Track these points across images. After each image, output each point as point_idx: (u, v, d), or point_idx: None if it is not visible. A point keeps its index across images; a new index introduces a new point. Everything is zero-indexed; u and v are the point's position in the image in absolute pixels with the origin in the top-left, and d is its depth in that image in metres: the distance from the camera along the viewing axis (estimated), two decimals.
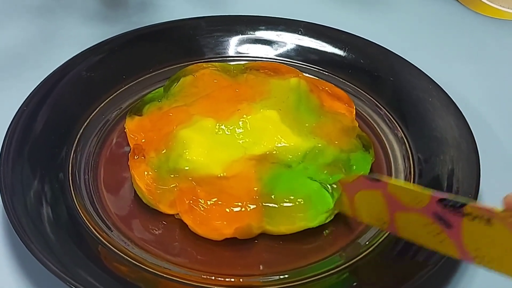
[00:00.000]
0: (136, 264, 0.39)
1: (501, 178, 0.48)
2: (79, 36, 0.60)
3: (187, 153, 0.43)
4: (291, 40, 0.56)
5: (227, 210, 0.41)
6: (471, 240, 0.33)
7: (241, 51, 0.56)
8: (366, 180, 0.38)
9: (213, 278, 0.39)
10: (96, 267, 0.39)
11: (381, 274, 0.39)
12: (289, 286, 0.39)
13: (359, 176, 0.38)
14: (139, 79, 0.53)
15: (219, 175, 0.42)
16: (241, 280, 0.39)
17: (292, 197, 0.41)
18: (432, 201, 0.34)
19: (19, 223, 0.39)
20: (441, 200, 0.33)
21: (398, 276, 0.38)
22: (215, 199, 0.41)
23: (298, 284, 0.39)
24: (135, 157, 0.44)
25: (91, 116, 0.49)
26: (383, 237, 0.41)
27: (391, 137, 0.49)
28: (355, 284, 0.39)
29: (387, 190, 0.36)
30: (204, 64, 0.52)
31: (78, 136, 0.47)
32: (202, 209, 0.41)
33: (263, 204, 0.41)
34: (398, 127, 0.49)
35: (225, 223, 0.41)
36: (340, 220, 0.43)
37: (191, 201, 0.41)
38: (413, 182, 0.45)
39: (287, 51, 0.56)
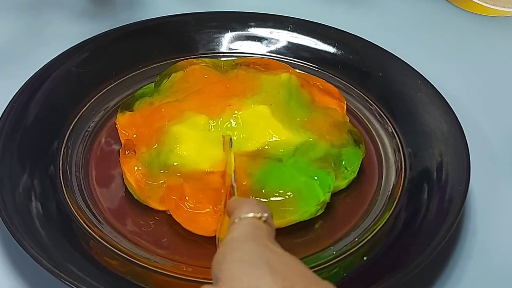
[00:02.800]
0: (127, 259, 0.39)
1: (490, 170, 0.48)
2: (66, 33, 0.60)
3: (178, 148, 0.43)
4: (280, 36, 0.56)
5: (214, 208, 0.40)
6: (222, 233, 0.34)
7: (231, 47, 0.56)
8: None
9: (203, 271, 0.39)
10: (88, 261, 0.39)
11: (371, 268, 0.39)
12: None
13: None
14: (129, 75, 0.53)
15: (206, 171, 0.42)
16: None
17: (281, 191, 0.41)
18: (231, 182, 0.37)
19: (9, 217, 0.39)
20: (232, 186, 0.36)
21: (388, 270, 0.38)
22: (202, 195, 0.41)
23: None
24: (126, 153, 0.44)
25: (81, 112, 0.49)
26: (374, 232, 0.41)
27: (381, 132, 0.49)
28: (345, 275, 0.39)
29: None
30: (195, 60, 0.52)
31: (68, 132, 0.47)
32: (188, 207, 0.41)
33: (253, 198, 0.41)
34: (388, 122, 0.49)
35: (211, 219, 0.40)
36: (331, 213, 0.43)
37: (177, 199, 0.41)
38: (404, 175, 0.45)
39: (277, 47, 0.56)
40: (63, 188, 0.43)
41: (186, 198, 0.41)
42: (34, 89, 0.48)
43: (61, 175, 0.44)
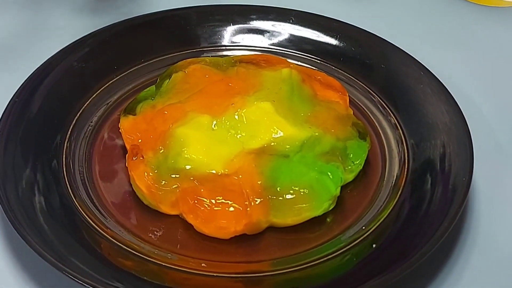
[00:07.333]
0: (132, 253, 0.39)
1: (493, 160, 0.48)
2: (68, 27, 0.60)
3: (185, 151, 0.42)
4: (282, 29, 0.56)
5: (232, 208, 0.40)
6: None
7: (233, 41, 0.56)
8: None
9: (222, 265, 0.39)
10: (92, 255, 0.39)
11: (379, 255, 0.39)
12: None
13: None
14: (131, 70, 0.52)
15: (220, 173, 0.42)
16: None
17: (296, 188, 0.41)
18: None
19: (12, 212, 0.39)
20: None
21: (396, 258, 0.38)
22: (220, 197, 0.41)
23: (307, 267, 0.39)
24: (133, 158, 0.43)
25: (84, 106, 0.49)
26: (380, 221, 0.42)
27: (384, 123, 0.49)
28: (355, 260, 0.39)
29: None
30: (195, 60, 0.51)
31: (71, 126, 0.47)
32: (208, 207, 0.40)
33: (270, 197, 0.40)
34: (391, 114, 0.49)
35: (233, 221, 0.40)
36: (341, 206, 0.43)
37: (195, 201, 0.40)
38: (407, 166, 0.45)
39: (279, 40, 0.56)
40: (67, 182, 0.43)
41: (205, 199, 0.40)
42: (37, 84, 0.48)
43: (64, 169, 0.44)
